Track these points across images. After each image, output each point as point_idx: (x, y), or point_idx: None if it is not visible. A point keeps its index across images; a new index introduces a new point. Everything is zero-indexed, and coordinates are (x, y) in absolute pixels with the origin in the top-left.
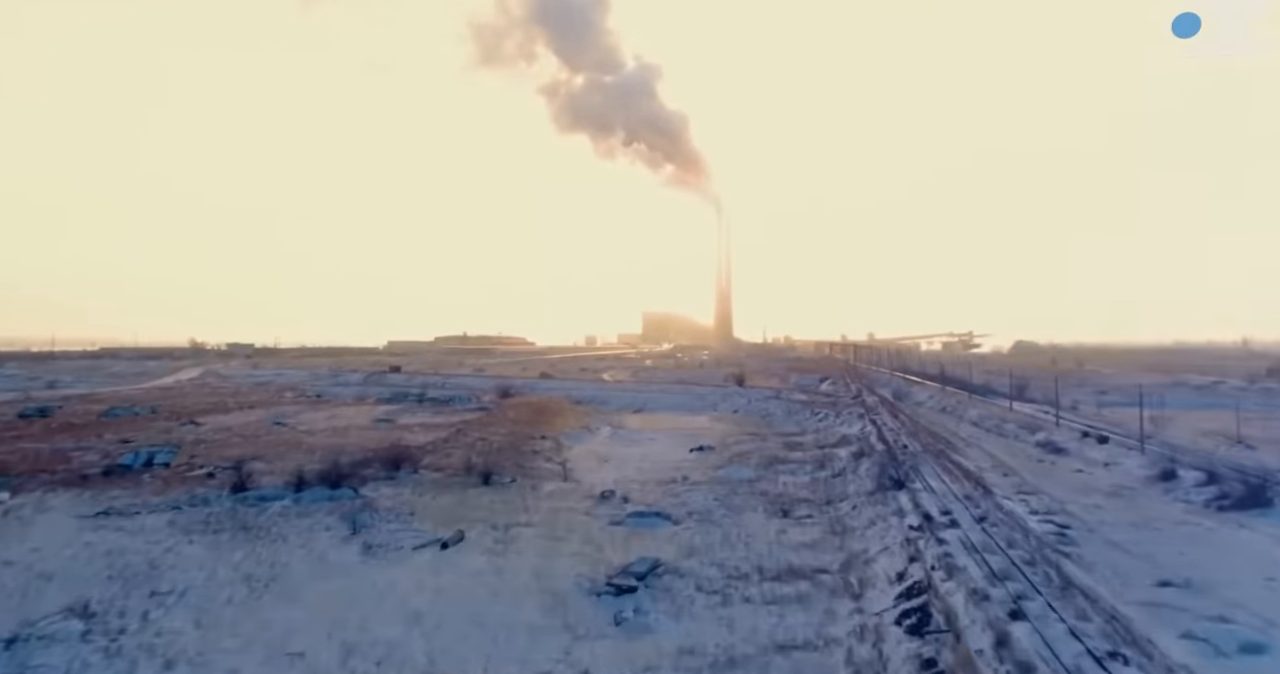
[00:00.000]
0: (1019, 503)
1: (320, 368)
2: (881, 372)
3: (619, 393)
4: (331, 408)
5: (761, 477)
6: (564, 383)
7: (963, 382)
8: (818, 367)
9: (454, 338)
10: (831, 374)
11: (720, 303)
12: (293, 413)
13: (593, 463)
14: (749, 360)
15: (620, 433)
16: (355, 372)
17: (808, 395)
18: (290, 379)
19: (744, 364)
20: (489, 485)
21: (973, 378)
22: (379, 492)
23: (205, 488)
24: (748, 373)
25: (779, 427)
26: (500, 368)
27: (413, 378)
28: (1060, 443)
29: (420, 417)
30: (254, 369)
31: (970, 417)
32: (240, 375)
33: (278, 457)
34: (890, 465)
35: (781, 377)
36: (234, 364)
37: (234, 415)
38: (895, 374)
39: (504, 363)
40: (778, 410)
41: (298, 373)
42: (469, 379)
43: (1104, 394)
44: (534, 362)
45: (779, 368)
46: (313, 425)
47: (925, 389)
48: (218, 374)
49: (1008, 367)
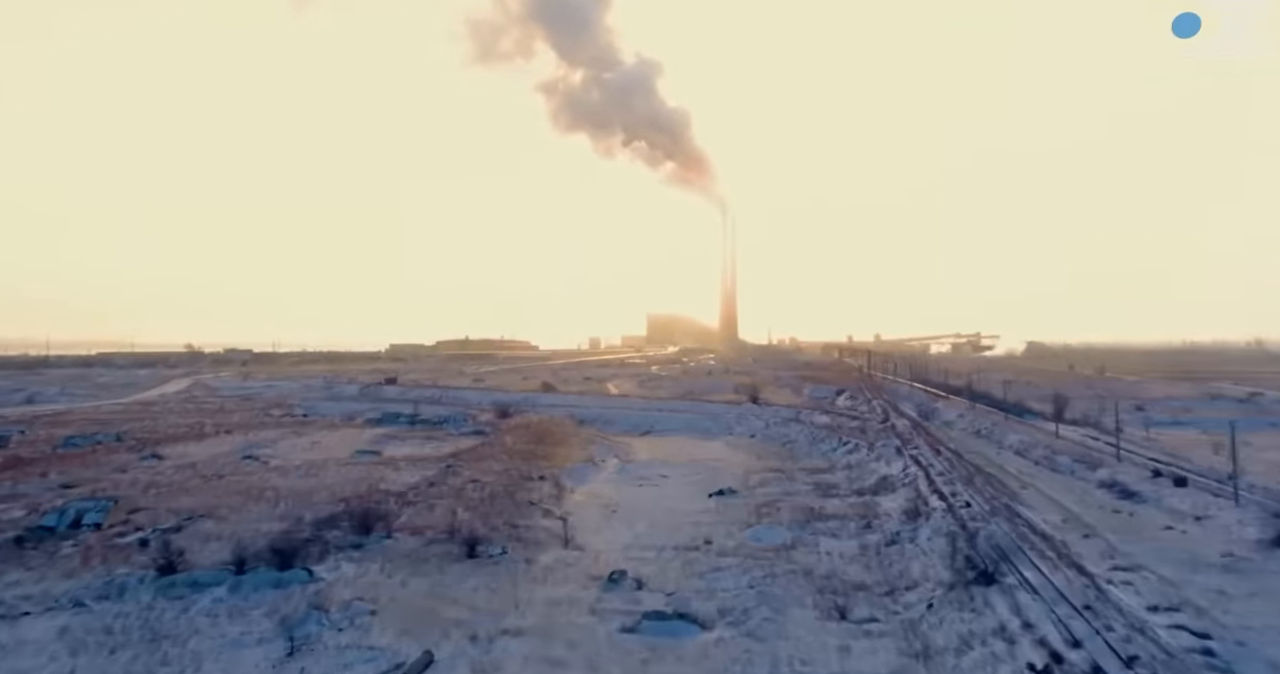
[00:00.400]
0: (1126, 590)
1: (315, 378)
2: (899, 383)
3: (624, 410)
4: (315, 432)
5: (799, 540)
6: (566, 398)
7: (992, 398)
8: (830, 375)
9: (455, 342)
10: (847, 385)
11: (725, 304)
12: (271, 440)
13: (598, 515)
14: (757, 366)
15: (628, 468)
16: (351, 382)
17: (830, 416)
18: (281, 392)
19: (752, 371)
20: (474, 558)
21: (1002, 393)
22: (339, 570)
23: (129, 566)
24: (759, 383)
25: (804, 459)
26: (501, 377)
27: (409, 390)
28: (1130, 484)
29: (408, 446)
30: (245, 380)
31: (1011, 443)
32: (229, 388)
33: (234, 510)
34: (960, 535)
35: (794, 387)
36: (225, 374)
37: (206, 444)
38: (915, 386)
39: (505, 370)
40: (800, 436)
41: (290, 384)
42: (467, 393)
43: (1142, 410)
44: (536, 369)
45: (790, 376)
46: (288, 459)
47: (951, 405)
48: (206, 386)
49: (1026, 372)
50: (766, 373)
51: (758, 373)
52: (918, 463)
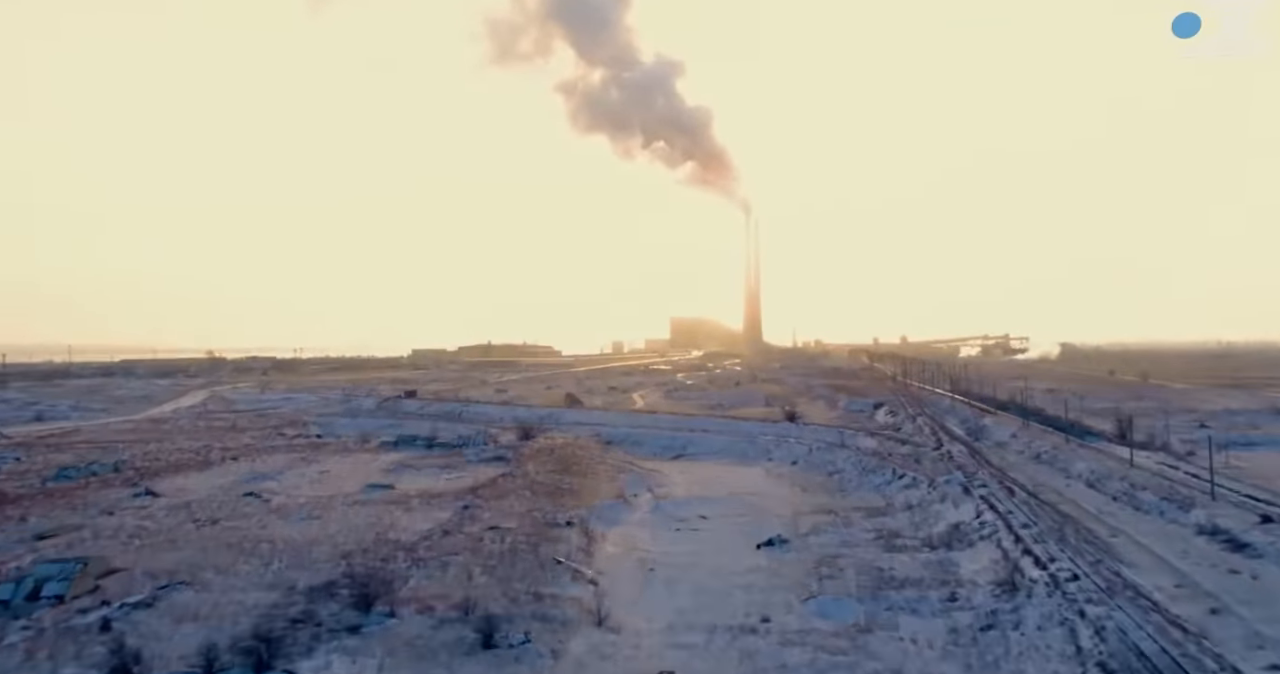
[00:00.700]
0: None
1: (335, 389)
2: (938, 393)
3: (653, 429)
4: (327, 458)
5: (873, 618)
6: (591, 414)
7: (1044, 414)
8: (863, 384)
9: (478, 348)
10: (884, 397)
11: (749, 307)
12: (278, 470)
13: (634, 574)
14: (784, 373)
15: (663, 506)
16: (369, 395)
17: (876, 439)
18: (298, 406)
19: (781, 379)
20: (491, 648)
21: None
22: (328, 671)
23: (78, 665)
24: (789, 393)
25: (855, 494)
26: (524, 387)
27: (428, 404)
28: (1236, 532)
29: (424, 477)
30: (262, 393)
31: (1080, 472)
32: (245, 401)
33: (221, 571)
34: (1079, 625)
35: (828, 399)
36: (244, 385)
37: (208, 474)
38: (956, 398)
39: (528, 379)
40: (847, 465)
41: (308, 398)
42: (488, 408)
43: (1205, 427)
44: (559, 377)
45: (821, 385)
46: (292, 495)
47: (1001, 422)
48: (222, 398)
49: (1065, 379)
50: (796, 381)
51: (786, 381)
52: (991, 506)
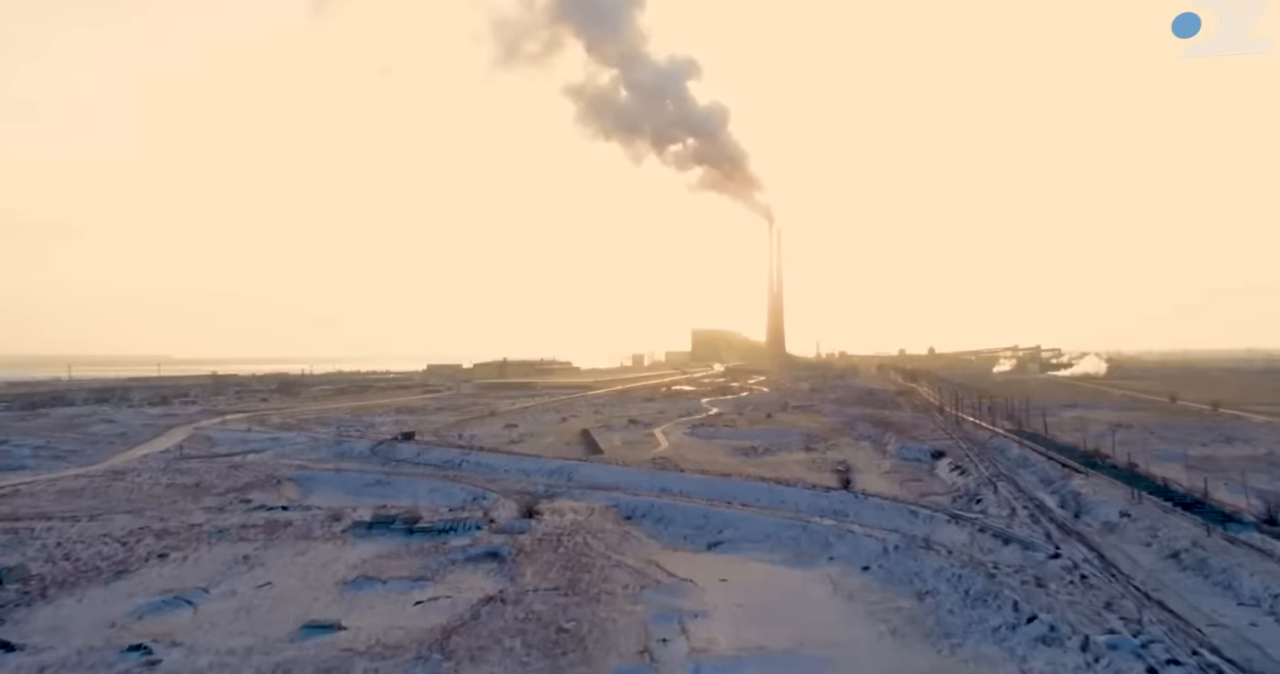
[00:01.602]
0: None
1: (329, 423)
2: (999, 435)
3: (681, 496)
4: (279, 553)
5: None
6: (608, 470)
7: (1153, 480)
8: (907, 417)
9: (493, 366)
10: (938, 439)
11: (772, 318)
12: (207, 581)
13: None
14: (816, 397)
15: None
16: (363, 437)
17: (967, 532)
18: (283, 450)
19: (813, 404)
20: None
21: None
22: None
23: None
24: (829, 432)
25: (969, 645)
26: (536, 418)
27: (425, 451)
28: None
29: (390, 599)
30: (249, 431)
31: (1255, 593)
32: (228, 442)
33: None
34: None
35: (876, 441)
36: (234, 419)
37: (113, 591)
38: (1025, 445)
39: (541, 407)
40: (940, 582)
41: (297, 440)
42: (491, 458)
43: None
44: (575, 404)
45: (861, 417)
46: (197, 647)
47: (1096, 488)
48: (205, 439)
49: (1127, 407)
50: (831, 410)
51: (821, 410)
52: None
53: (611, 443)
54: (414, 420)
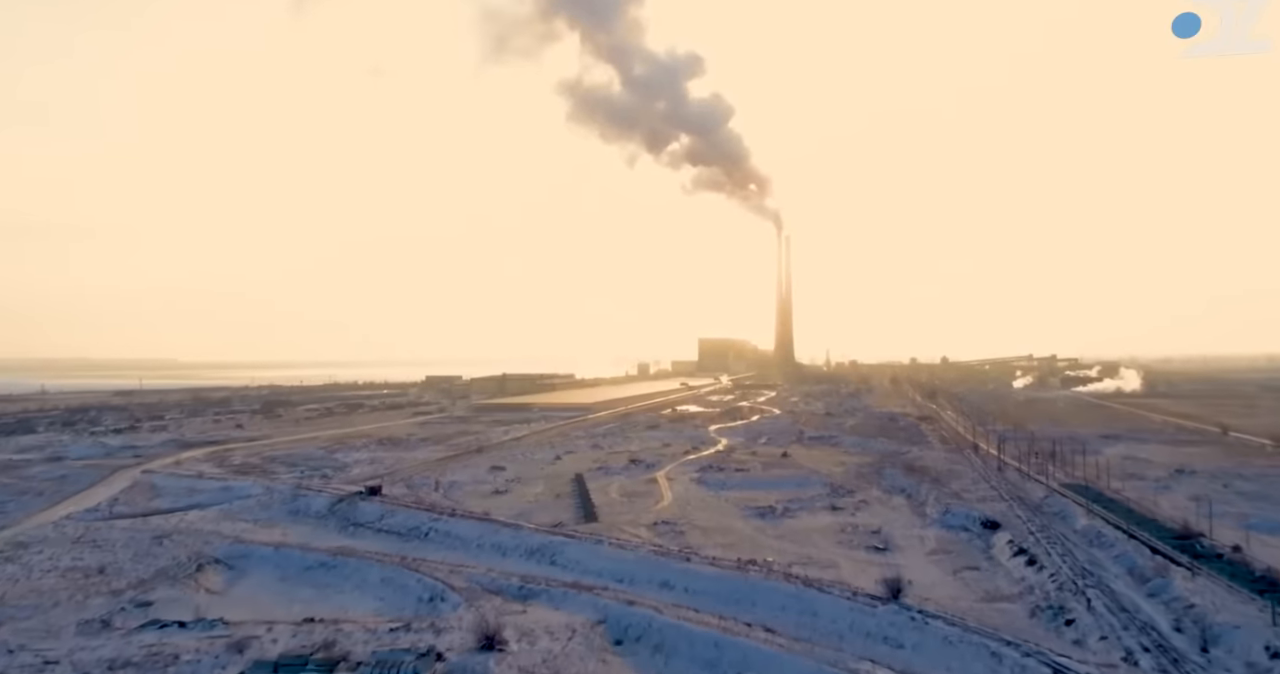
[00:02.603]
0: None
1: (295, 464)
2: (1056, 493)
3: (688, 612)
4: None
5: None
6: (600, 555)
7: (1258, 573)
8: (941, 460)
9: (492, 381)
10: (984, 495)
11: (781, 327)
12: None
13: None
14: (833, 425)
15: None
16: (326, 486)
17: None
18: (226, 509)
19: (831, 434)
20: None
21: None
22: None
23: None
24: (853, 479)
25: None
26: (526, 458)
27: (390, 514)
28: None
29: None
30: (199, 478)
31: None
32: (171, 495)
33: None
34: None
35: (911, 496)
36: (190, 457)
37: None
38: (1091, 512)
39: (536, 439)
40: None
41: (250, 489)
42: (463, 526)
43: None
44: (571, 435)
45: (889, 459)
46: None
47: (1218, 600)
48: (148, 488)
49: (1171, 437)
50: (851, 443)
51: (843, 444)
52: None
53: (608, 495)
54: (392, 459)
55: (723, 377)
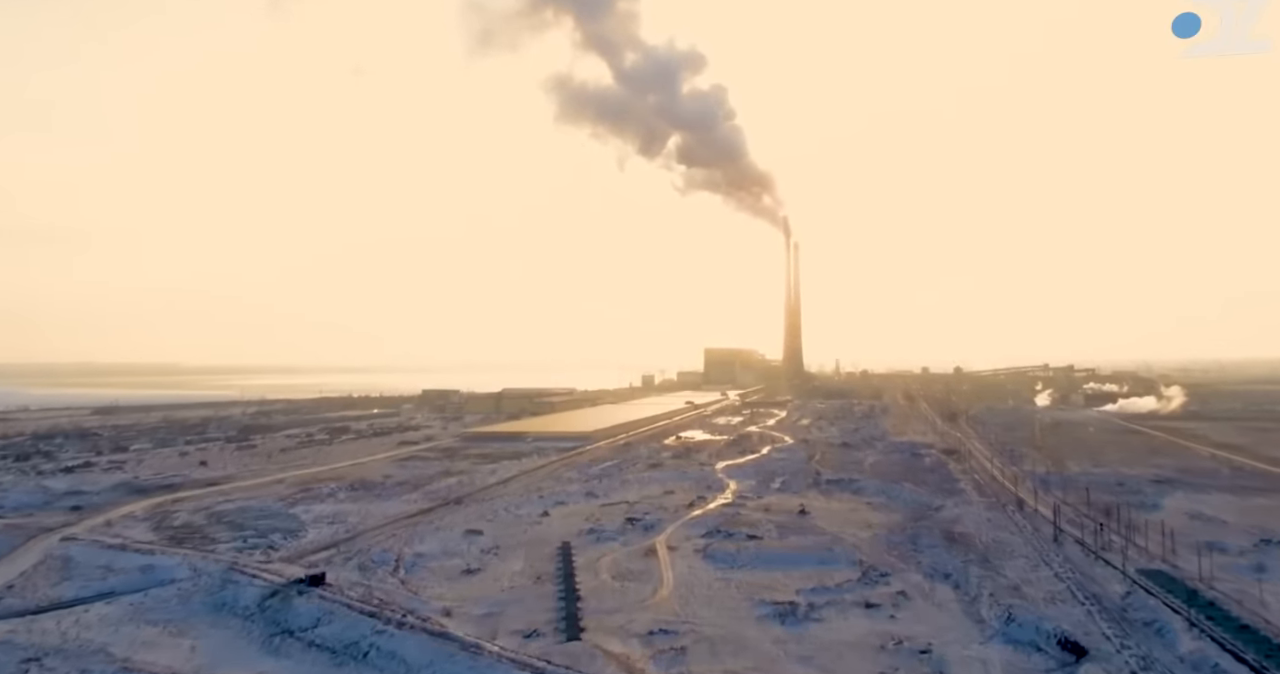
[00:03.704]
0: None
1: (241, 526)
2: (1143, 590)
3: None
4: None
5: None
6: None
7: None
8: (973, 513)
9: (489, 398)
10: (1039, 575)
11: (789, 336)
12: None
13: None
14: (850, 459)
15: None
16: (258, 575)
17: None
18: (136, 602)
19: (849, 473)
20: None
21: None
22: None
23: None
24: (881, 548)
25: None
26: (513, 512)
27: (331, 614)
28: None
29: None
30: (123, 551)
31: None
32: (81, 576)
33: None
34: None
35: (958, 580)
36: (123, 518)
37: None
38: (1194, 625)
39: (524, 481)
40: None
41: (175, 570)
42: (414, 648)
43: None
44: (565, 477)
45: (922, 522)
46: None
47: None
48: (62, 562)
49: (1239, 482)
50: (874, 489)
51: (862, 486)
52: None
53: (598, 577)
54: (358, 514)
55: (730, 392)
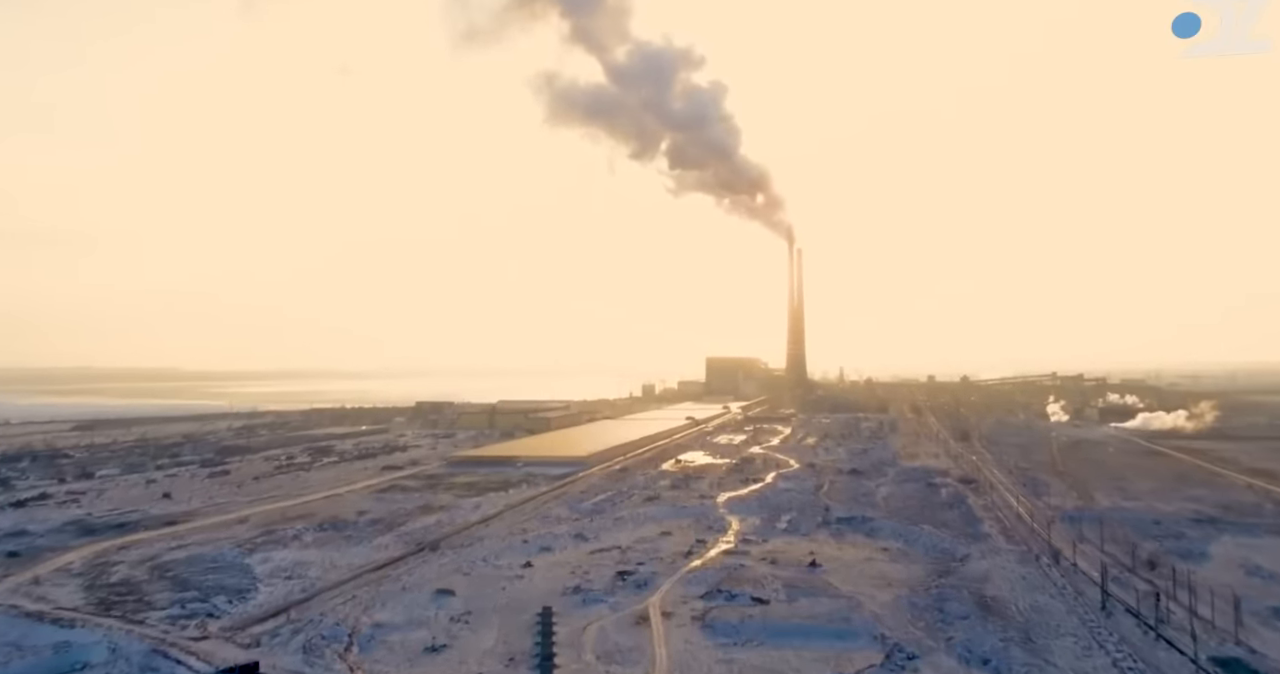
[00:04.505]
0: None
1: (190, 579)
2: None
3: None
4: None
5: None
6: None
7: None
8: (1003, 565)
9: (482, 414)
10: (1092, 659)
11: (792, 345)
12: None
13: None
14: (861, 489)
15: None
16: (182, 663)
17: None
18: None
19: (864, 513)
20: None
21: None
22: None
23: None
24: (913, 623)
25: None
26: (492, 561)
27: None
28: None
29: None
30: (40, 621)
31: None
32: None
33: None
34: None
35: None
36: (68, 563)
37: None
38: None
39: (511, 522)
40: None
41: (92, 651)
42: None
43: None
44: (555, 514)
45: (948, 581)
46: None
47: None
48: None
49: None
50: (890, 531)
51: (877, 526)
52: None
53: (580, 657)
54: (321, 565)
55: (732, 404)
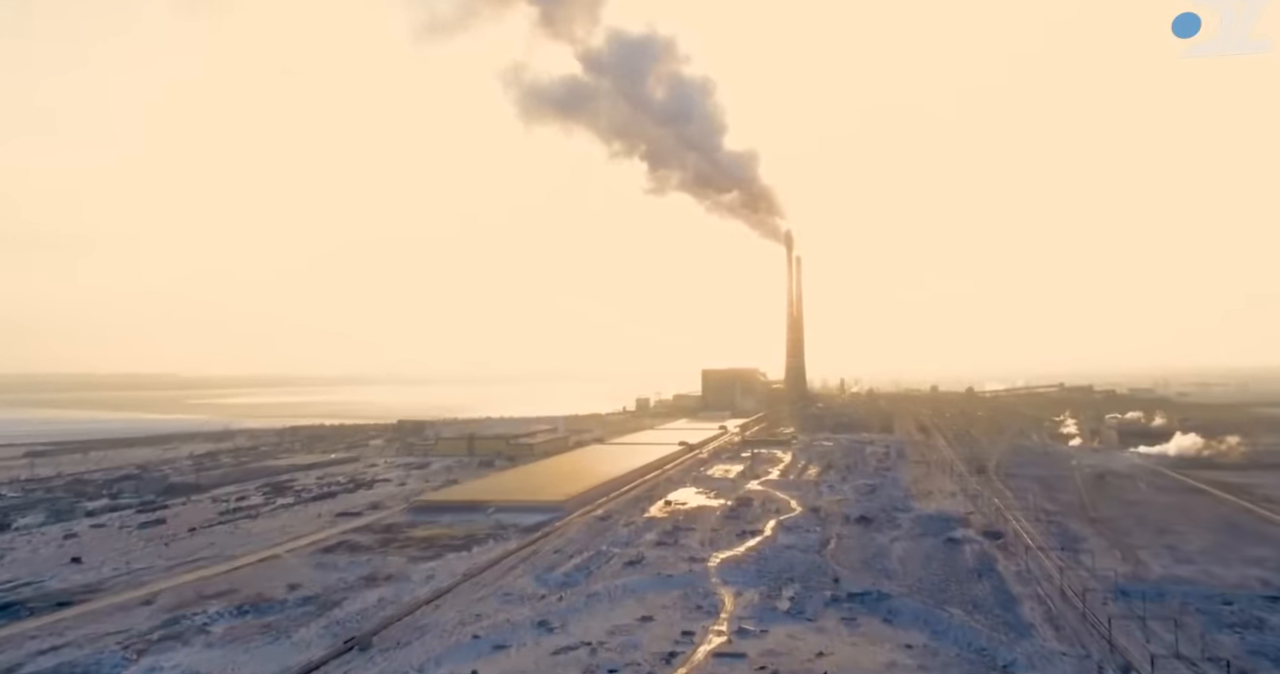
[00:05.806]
0: None
1: None
2: None
3: None
4: None
5: None
6: None
7: None
8: None
9: (460, 441)
10: None
11: (791, 356)
12: None
13: None
14: (874, 545)
15: None
16: None
17: None
18: None
19: (875, 582)
20: None
21: None
22: None
23: None
24: None
25: None
26: (441, 643)
27: None
28: None
29: None
30: None
31: None
32: None
33: None
34: None
35: None
36: None
37: None
38: None
39: (460, 609)
40: None
41: None
42: None
43: None
44: (518, 585)
45: None
46: None
47: None
48: None
49: None
50: (913, 620)
51: (895, 610)
52: None
53: None
54: (222, 670)
55: (728, 422)
